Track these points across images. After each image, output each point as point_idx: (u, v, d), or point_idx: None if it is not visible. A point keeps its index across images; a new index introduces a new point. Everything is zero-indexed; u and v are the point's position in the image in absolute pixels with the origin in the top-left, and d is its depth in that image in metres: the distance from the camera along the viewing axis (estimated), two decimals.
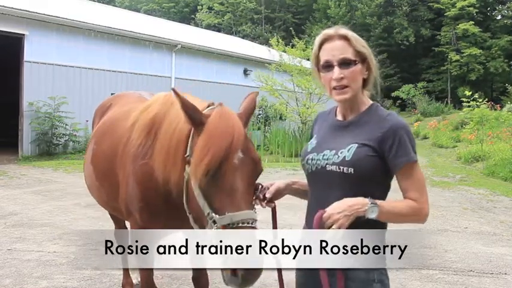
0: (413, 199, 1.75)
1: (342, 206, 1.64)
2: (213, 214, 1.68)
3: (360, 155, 1.75)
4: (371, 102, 1.91)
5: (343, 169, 1.76)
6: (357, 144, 1.78)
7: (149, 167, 2.29)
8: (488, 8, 37.88)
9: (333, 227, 1.62)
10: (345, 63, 1.79)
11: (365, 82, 1.88)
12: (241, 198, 1.70)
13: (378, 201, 1.68)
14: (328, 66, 1.81)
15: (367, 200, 1.66)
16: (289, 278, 2.01)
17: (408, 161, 1.75)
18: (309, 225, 1.96)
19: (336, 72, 1.79)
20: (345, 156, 1.77)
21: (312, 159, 1.88)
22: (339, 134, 1.88)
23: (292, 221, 5.60)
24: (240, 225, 1.63)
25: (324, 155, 1.84)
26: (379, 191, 1.79)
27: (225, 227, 1.63)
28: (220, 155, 1.69)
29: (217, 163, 1.68)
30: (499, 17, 38.71)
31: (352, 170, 1.74)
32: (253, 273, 1.60)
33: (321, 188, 1.84)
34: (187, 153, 1.89)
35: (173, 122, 2.11)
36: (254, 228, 1.66)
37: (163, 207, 2.34)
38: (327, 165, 1.81)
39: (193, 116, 1.84)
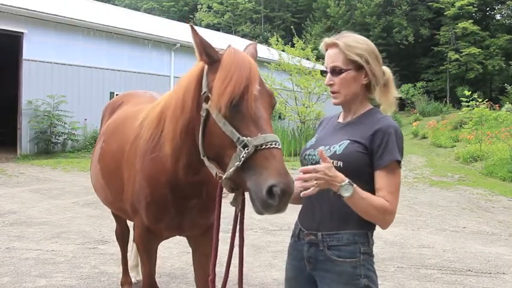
0: (386, 200, 1.81)
1: (325, 171, 1.69)
2: (244, 138, 1.71)
3: (350, 150, 1.86)
4: (371, 106, 2.01)
5: (332, 162, 1.84)
6: (348, 141, 1.89)
7: (158, 161, 2.30)
8: (488, 8, 37.90)
9: (308, 184, 1.68)
10: (335, 71, 1.94)
11: (367, 87, 1.98)
12: (267, 124, 1.77)
13: (355, 185, 1.73)
14: (326, 72, 1.99)
15: (346, 179, 1.72)
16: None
17: (392, 159, 1.83)
18: (301, 221, 2.04)
19: (327, 78, 1.97)
20: (335, 151, 1.88)
21: (308, 155, 2.02)
22: (336, 133, 2.00)
23: (290, 220, 5.61)
24: (273, 145, 1.69)
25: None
26: (368, 188, 1.82)
27: (257, 147, 1.68)
28: (241, 84, 1.76)
29: (240, 91, 1.75)
30: (498, 17, 38.74)
31: (341, 163, 1.84)
32: (288, 191, 1.61)
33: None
34: (204, 91, 1.93)
35: (182, 81, 2.15)
36: (281, 150, 1.73)
37: (171, 201, 2.35)
38: (320, 160, 1.87)
39: (209, 52, 1.91)
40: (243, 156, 1.68)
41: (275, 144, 1.69)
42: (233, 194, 1.90)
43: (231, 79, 1.77)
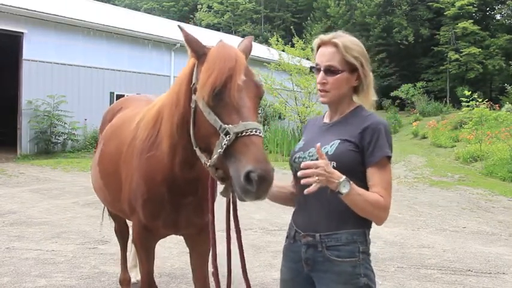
0: (380, 195, 1.82)
1: (324, 168, 1.68)
2: (226, 125, 1.74)
3: (341, 149, 1.86)
4: (356, 105, 2.01)
5: None
6: (339, 140, 1.89)
7: (155, 159, 2.35)
8: (488, 8, 37.89)
9: (311, 179, 1.68)
10: (329, 71, 1.92)
11: (356, 89, 1.99)
12: (249, 112, 1.79)
13: (352, 182, 1.74)
14: (317, 69, 1.96)
15: (343, 175, 1.72)
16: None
17: (383, 155, 1.84)
18: (296, 223, 2.03)
19: (320, 77, 1.94)
20: (327, 151, 1.87)
21: (298, 158, 2.00)
22: (324, 134, 1.99)
23: (289, 220, 5.60)
24: (254, 132, 1.71)
25: (309, 153, 1.95)
26: (361, 185, 1.82)
27: (237, 134, 1.70)
28: (224, 74, 1.80)
29: (222, 81, 1.79)
30: (498, 17, 38.74)
31: (335, 163, 1.83)
32: (267, 177, 1.62)
33: (308, 185, 1.87)
34: (193, 82, 1.99)
35: (177, 79, 2.20)
36: (262, 137, 1.75)
37: (167, 198, 2.39)
38: (312, 161, 1.87)
39: (196, 48, 1.98)
40: (224, 144, 1.72)
41: (255, 132, 1.72)
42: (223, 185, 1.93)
43: (214, 69, 1.82)
